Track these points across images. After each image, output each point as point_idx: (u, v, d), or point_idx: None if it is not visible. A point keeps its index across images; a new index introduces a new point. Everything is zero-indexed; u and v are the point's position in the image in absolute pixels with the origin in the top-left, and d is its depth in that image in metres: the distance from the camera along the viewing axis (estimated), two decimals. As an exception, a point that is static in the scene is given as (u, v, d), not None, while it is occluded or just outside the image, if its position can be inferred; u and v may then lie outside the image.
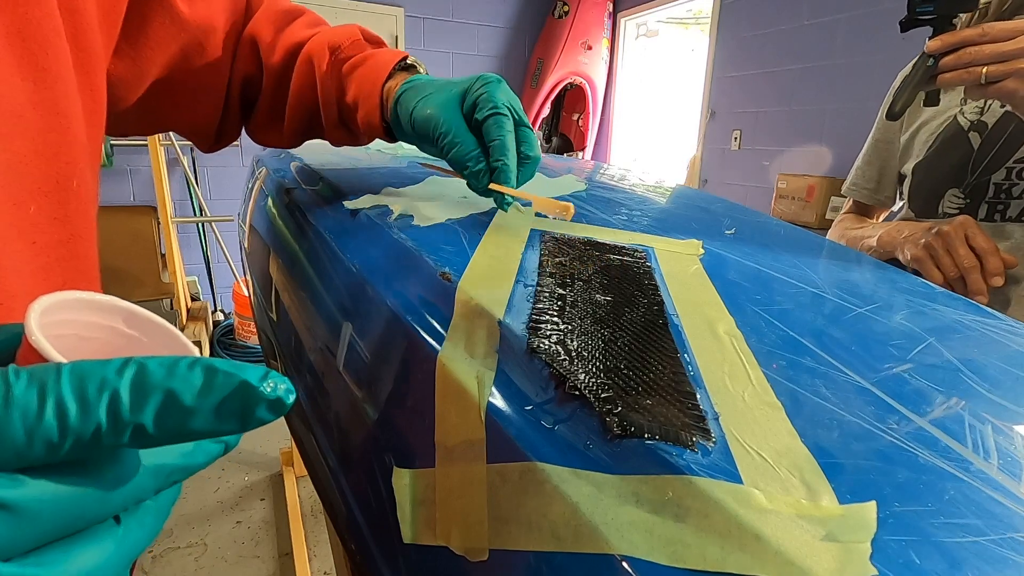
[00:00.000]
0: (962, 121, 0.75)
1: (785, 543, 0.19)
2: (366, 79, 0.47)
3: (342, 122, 0.51)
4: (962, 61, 0.55)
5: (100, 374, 0.13)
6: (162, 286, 2.40)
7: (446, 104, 0.43)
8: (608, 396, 0.25)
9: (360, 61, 0.48)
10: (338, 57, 0.48)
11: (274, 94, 0.52)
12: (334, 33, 0.50)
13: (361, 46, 0.50)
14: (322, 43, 0.49)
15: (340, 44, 0.49)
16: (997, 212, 0.71)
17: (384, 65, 0.47)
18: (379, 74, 0.47)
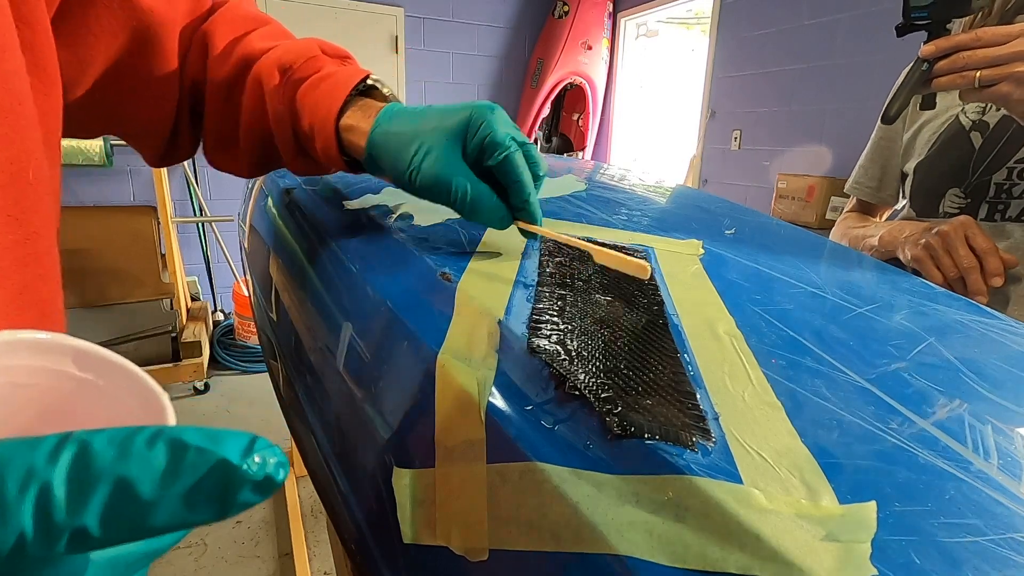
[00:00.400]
0: (964, 121, 0.75)
1: (785, 543, 0.19)
2: (319, 105, 0.40)
3: (301, 152, 0.44)
4: (956, 65, 0.55)
5: (25, 462, 0.10)
6: (162, 286, 2.40)
7: (450, 160, 0.37)
8: (608, 396, 0.25)
9: (315, 83, 0.41)
10: (290, 79, 0.42)
11: (222, 112, 0.45)
12: (287, 50, 0.43)
13: (316, 64, 0.42)
14: (272, 62, 0.42)
15: (292, 63, 0.42)
16: (997, 212, 0.71)
17: (340, 88, 0.40)
18: (333, 101, 0.40)
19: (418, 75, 3.55)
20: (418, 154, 0.37)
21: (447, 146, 0.37)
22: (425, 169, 0.37)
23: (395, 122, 0.38)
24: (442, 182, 0.37)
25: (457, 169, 0.37)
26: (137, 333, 2.37)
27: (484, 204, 0.37)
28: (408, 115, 0.39)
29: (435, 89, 3.64)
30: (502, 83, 3.82)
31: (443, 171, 0.37)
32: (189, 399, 2.46)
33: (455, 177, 0.37)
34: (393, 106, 0.40)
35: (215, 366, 2.74)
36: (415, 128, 0.38)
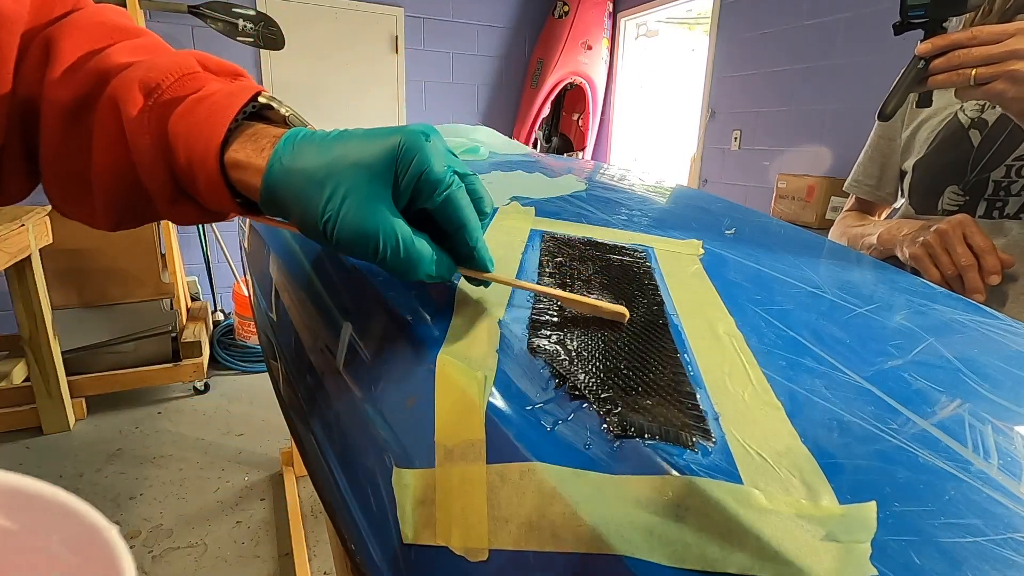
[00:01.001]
0: (962, 118, 0.75)
1: (785, 543, 0.19)
2: (197, 135, 0.31)
3: (182, 196, 0.35)
4: (952, 64, 0.56)
5: None
6: (162, 286, 2.40)
7: (376, 204, 0.28)
8: (608, 396, 0.25)
9: (191, 107, 0.32)
10: (158, 101, 0.32)
11: (67, 143, 0.34)
12: (152, 66, 0.33)
13: (193, 82, 0.34)
14: (133, 79, 0.32)
15: (159, 81, 0.33)
16: (996, 209, 0.72)
17: (221, 111, 0.32)
18: (214, 129, 0.31)
19: (418, 75, 3.55)
20: (334, 198, 0.28)
21: (371, 186, 0.28)
22: (345, 218, 0.28)
23: (300, 155, 0.29)
24: (367, 234, 0.28)
25: (385, 216, 0.28)
26: (137, 333, 2.37)
27: (422, 258, 0.29)
28: (317, 144, 0.30)
29: (435, 89, 3.64)
30: (502, 83, 3.82)
31: (368, 220, 0.28)
32: (189, 399, 2.46)
33: (383, 226, 0.28)
34: (295, 132, 0.31)
35: (215, 366, 2.74)
36: (328, 163, 0.29)
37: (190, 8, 2.58)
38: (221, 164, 0.31)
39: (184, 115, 0.32)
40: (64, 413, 2.15)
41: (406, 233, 0.29)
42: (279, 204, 0.30)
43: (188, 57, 0.35)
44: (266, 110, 0.34)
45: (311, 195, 0.29)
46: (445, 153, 0.30)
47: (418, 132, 0.29)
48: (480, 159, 0.79)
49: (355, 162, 0.29)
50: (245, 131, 0.32)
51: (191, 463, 1.98)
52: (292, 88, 3.27)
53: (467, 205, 0.30)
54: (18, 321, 2.01)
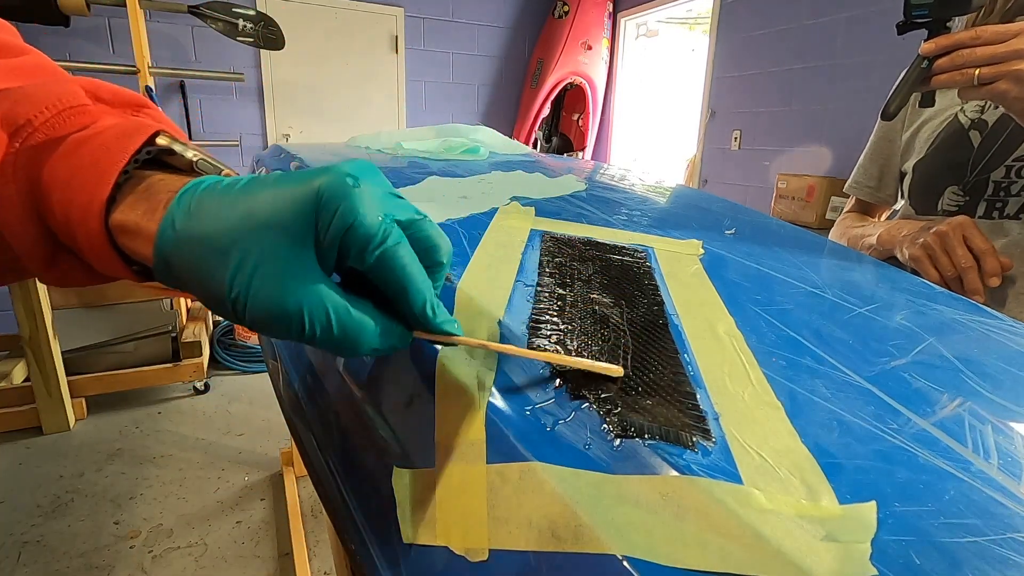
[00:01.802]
0: (963, 119, 0.75)
1: (785, 543, 0.19)
2: (76, 187, 0.25)
3: (59, 254, 0.28)
4: (955, 63, 0.56)
5: None
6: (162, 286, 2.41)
7: (295, 272, 0.23)
8: (608, 396, 0.25)
9: (71, 150, 0.26)
10: (26, 143, 0.26)
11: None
12: (24, 97, 0.27)
13: (77, 118, 0.27)
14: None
15: (30, 118, 0.26)
16: (995, 209, 0.72)
17: (108, 158, 0.25)
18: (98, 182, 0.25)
19: (418, 75, 3.56)
20: (242, 271, 0.23)
21: (288, 251, 0.23)
22: (258, 295, 0.23)
23: (198, 216, 0.24)
24: (288, 312, 0.23)
25: (308, 286, 0.23)
26: (137, 333, 2.37)
27: (363, 331, 0.24)
28: (220, 201, 0.24)
29: (435, 89, 3.64)
30: (502, 83, 3.82)
31: (287, 294, 0.23)
32: (189, 399, 2.46)
33: (304, 302, 0.23)
34: (195, 184, 0.25)
35: (215, 366, 2.74)
36: (232, 225, 0.23)
37: (190, 8, 2.58)
38: (107, 227, 0.25)
39: (63, 159, 0.26)
40: (64, 413, 2.15)
41: (338, 304, 0.24)
42: (175, 278, 0.25)
43: (73, 86, 0.28)
44: (167, 155, 0.28)
45: (213, 268, 0.23)
46: (382, 198, 0.24)
47: (343, 175, 0.23)
48: (480, 159, 0.79)
49: (265, 222, 0.23)
50: (138, 184, 0.26)
51: (191, 463, 1.98)
52: (292, 88, 3.27)
53: (409, 261, 0.24)
54: (18, 321, 2.01)
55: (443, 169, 0.68)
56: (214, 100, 3.09)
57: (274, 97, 3.23)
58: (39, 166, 0.26)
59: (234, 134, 3.16)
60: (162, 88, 2.91)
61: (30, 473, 1.90)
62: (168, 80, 2.92)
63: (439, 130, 0.97)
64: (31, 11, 2.34)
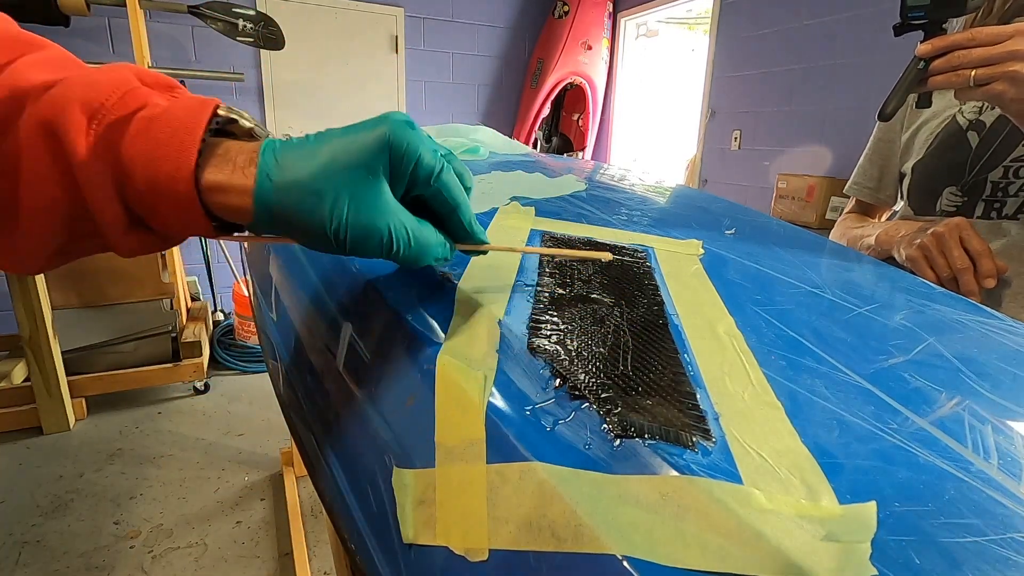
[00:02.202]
0: (961, 120, 0.76)
1: (785, 543, 0.19)
2: (159, 159, 0.29)
3: (135, 225, 0.31)
4: (951, 64, 0.56)
5: None
6: (162, 286, 2.40)
7: (378, 201, 0.29)
8: (608, 396, 0.25)
9: (143, 127, 0.29)
10: (104, 122, 0.29)
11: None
12: (91, 82, 0.29)
13: (138, 98, 0.30)
14: (68, 102, 0.28)
15: (103, 101, 0.29)
16: (993, 210, 0.72)
17: (184, 131, 0.29)
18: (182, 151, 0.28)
19: (418, 75, 3.56)
20: (338, 204, 0.28)
21: (371, 185, 0.29)
22: (354, 222, 0.28)
23: (287, 168, 0.28)
24: (379, 233, 0.29)
25: (392, 211, 0.29)
26: (137, 333, 2.37)
27: (430, 244, 0.31)
28: (302, 153, 0.29)
29: (435, 89, 3.64)
30: (502, 83, 3.82)
31: (377, 219, 0.29)
32: (189, 399, 2.46)
33: (390, 222, 0.29)
34: (272, 144, 0.30)
35: (215, 366, 2.74)
36: (320, 170, 0.28)
37: (190, 8, 2.58)
38: (198, 189, 0.29)
39: (139, 136, 0.29)
40: (64, 413, 2.15)
41: (413, 224, 0.30)
42: (277, 221, 0.29)
43: (125, 71, 0.31)
44: (229, 124, 0.32)
45: (312, 206, 0.28)
46: (425, 137, 0.31)
47: (402, 122, 0.29)
48: (480, 159, 0.79)
49: (348, 163, 0.28)
50: (215, 150, 0.30)
51: (191, 463, 1.98)
52: (292, 88, 3.27)
53: (457, 186, 0.31)
54: (18, 321, 2.01)
55: (443, 169, 0.68)
56: (214, 100, 3.09)
57: (274, 97, 3.23)
58: (117, 144, 0.29)
59: (234, 134, 3.16)
60: (162, 88, 2.91)
61: (30, 473, 1.90)
62: (168, 80, 2.92)
63: (439, 130, 0.97)
64: (31, 11, 2.34)
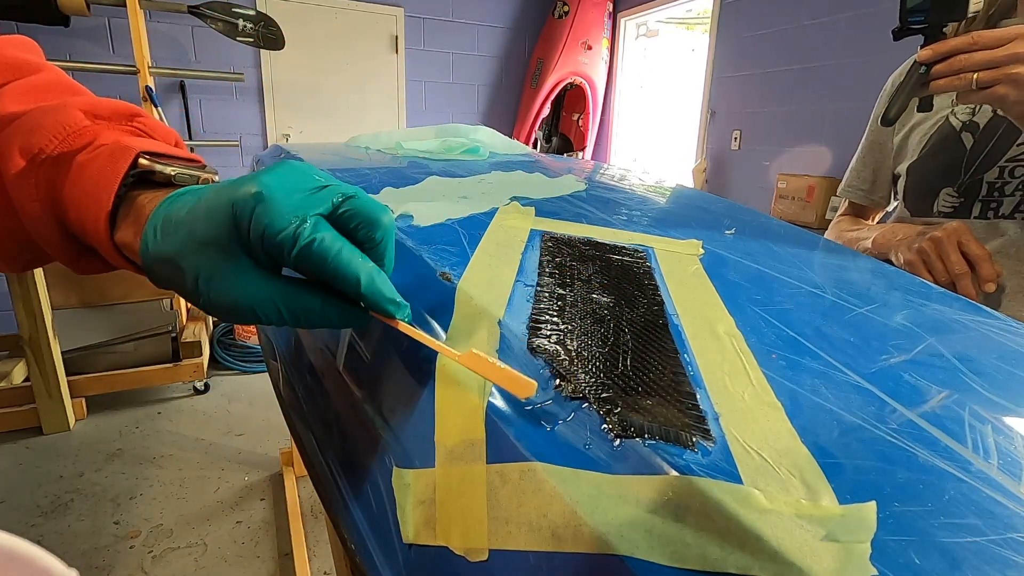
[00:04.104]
0: (954, 122, 0.76)
1: (785, 543, 0.19)
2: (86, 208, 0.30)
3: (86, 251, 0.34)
4: (953, 68, 0.56)
5: None
6: (162, 286, 2.41)
7: (237, 279, 0.27)
8: (608, 396, 0.25)
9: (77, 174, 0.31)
10: (44, 164, 0.31)
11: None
12: (36, 127, 0.31)
13: (81, 138, 0.32)
14: (11, 145, 0.31)
15: (42, 147, 0.31)
16: (990, 210, 0.73)
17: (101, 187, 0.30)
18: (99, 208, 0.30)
19: (418, 75, 3.56)
20: (199, 282, 0.27)
21: (225, 262, 0.27)
22: (217, 299, 0.27)
23: (161, 240, 0.28)
24: (242, 309, 0.27)
25: (252, 287, 0.27)
26: (137, 333, 2.37)
27: (315, 316, 0.28)
28: (174, 222, 0.28)
29: (435, 89, 3.64)
30: (502, 83, 3.82)
31: (235, 298, 0.27)
32: (189, 399, 2.46)
33: (253, 301, 0.27)
34: (161, 209, 0.29)
35: (215, 366, 2.74)
36: (180, 246, 0.27)
37: (190, 8, 2.58)
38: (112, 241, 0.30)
39: (73, 183, 0.31)
40: (64, 413, 2.15)
41: (284, 295, 0.27)
42: (166, 286, 0.29)
43: (71, 111, 0.32)
44: (151, 173, 0.32)
45: (179, 280, 0.27)
46: (296, 201, 0.26)
47: (251, 188, 0.26)
48: (480, 159, 0.79)
49: (201, 239, 0.27)
50: (131, 205, 0.30)
51: (191, 463, 1.98)
52: (292, 88, 3.27)
53: (332, 252, 0.26)
54: (18, 321, 2.01)
55: (443, 169, 0.68)
56: (214, 100, 3.09)
57: (274, 97, 3.23)
58: (56, 185, 0.31)
59: (234, 134, 3.16)
60: (162, 88, 2.91)
61: (30, 473, 1.90)
62: (168, 80, 2.92)
63: (439, 130, 0.97)
64: (31, 11, 2.33)
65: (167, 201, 0.29)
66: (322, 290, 0.28)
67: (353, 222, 0.27)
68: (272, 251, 0.26)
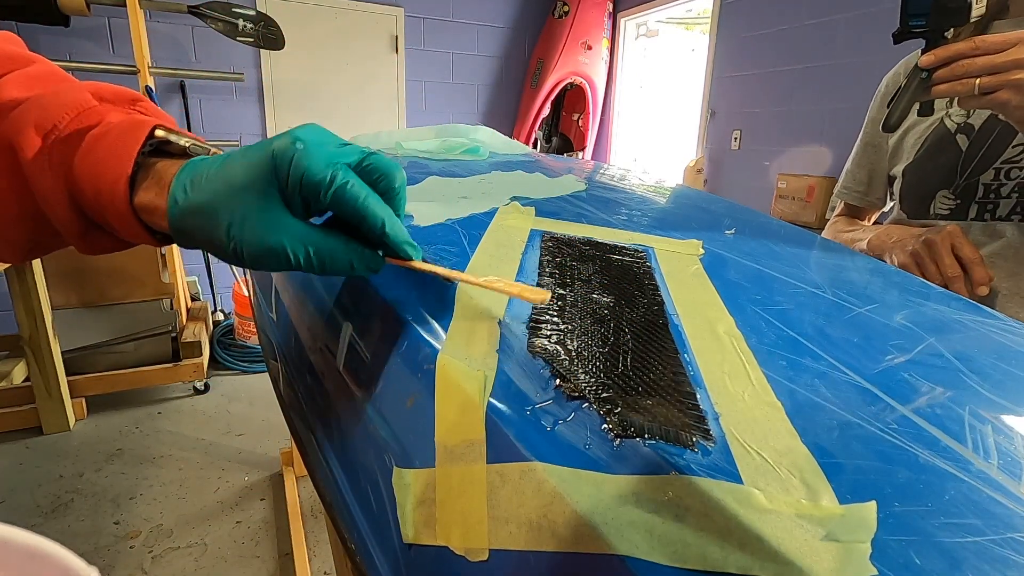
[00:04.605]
0: (949, 124, 0.76)
1: (785, 543, 0.19)
2: (102, 176, 0.32)
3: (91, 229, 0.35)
4: (956, 73, 0.56)
5: None
6: (162, 286, 2.40)
7: (271, 221, 0.29)
8: (608, 396, 0.25)
9: (92, 145, 0.32)
10: (56, 140, 0.32)
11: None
12: (47, 104, 0.33)
13: (91, 116, 0.33)
14: (25, 122, 0.32)
15: (56, 121, 0.33)
16: (987, 212, 0.73)
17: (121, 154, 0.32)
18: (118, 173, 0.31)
19: (418, 75, 3.55)
20: (233, 226, 0.29)
21: (261, 205, 0.29)
22: (248, 243, 0.29)
23: (192, 193, 0.30)
24: (274, 249, 0.29)
25: (285, 229, 0.29)
26: (137, 333, 2.37)
27: (338, 258, 0.30)
28: (205, 176, 0.30)
29: (435, 89, 3.64)
30: (502, 83, 3.82)
31: (267, 239, 0.29)
32: (189, 399, 2.46)
33: (284, 241, 0.29)
34: (187, 168, 0.31)
35: (215, 366, 2.74)
36: (216, 194, 0.29)
37: (190, 8, 2.58)
38: (133, 209, 0.32)
39: (87, 155, 0.32)
40: (64, 413, 2.15)
41: (311, 236, 0.30)
42: (188, 240, 0.31)
43: (82, 91, 0.34)
44: (166, 144, 0.34)
45: (212, 227, 0.30)
46: (328, 151, 0.29)
47: (290, 137, 0.29)
48: (480, 159, 0.79)
49: (239, 186, 0.29)
50: (149, 170, 0.32)
51: (191, 463, 1.98)
52: (292, 88, 3.27)
53: (361, 195, 0.29)
54: (18, 321, 2.01)
55: (443, 169, 0.68)
56: (214, 100, 3.09)
57: (274, 97, 3.23)
58: (69, 159, 0.32)
59: (234, 134, 3.16)
60: (162, 88, 2.91)
61: (30, 473, 1.90)
62: (168, 80, 2.92)
63: (439, 130, 0.97)
64: (31, 11, 2.33)
65: (190, 164, 0.31)
66: (344, 235, 0.31)
67: (375, 174, 0.31)
68: (309, 192, 0.29)
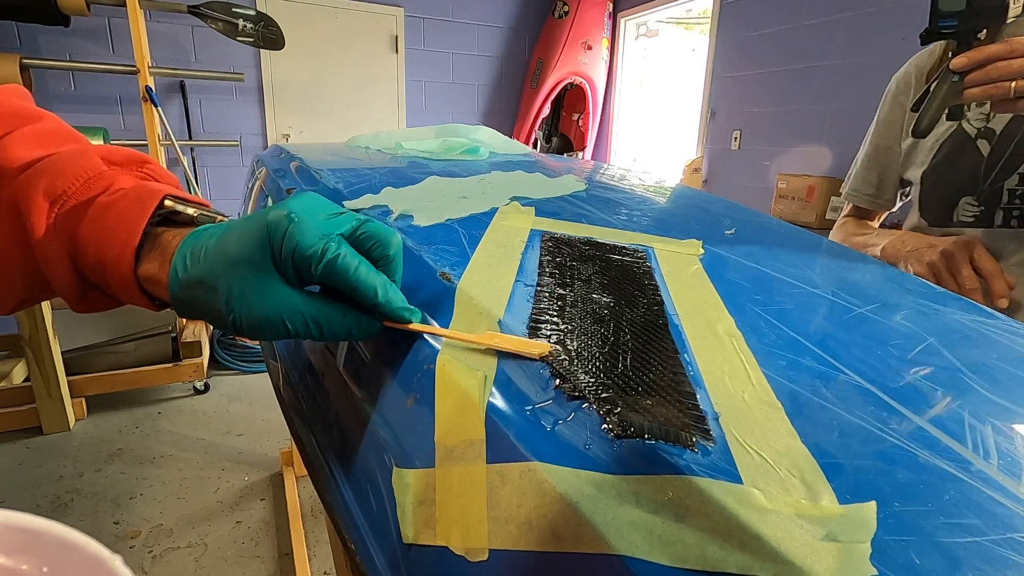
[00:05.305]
0: (968, 128, 0.74)
1: (785, 543, 0.19)
2: (108, 245, 0.32)
3: (91, 290, 0.36)
4: (990, 77, 0.54)
5: None
6: (162, 286, 2.41)
7: (266, 293, 0.30)
8: (608, 396, 0.25)
9: (100, 214, 0.33)
10: (64, 208, 0.33)
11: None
12: (58, 170, 0.34)
13: (100, 183, 0.34)
14: (35, 188, 0.33)
15: (64, 189, 0.33)
16: (1014, 218, 0.71)
17: (129, 225, 0.32)
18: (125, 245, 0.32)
19: (418, 75, 3.56)
20: (231, 299, 0.30)
21: (257, 277, 0.30)
22: (246, 315, 0.30)
23: (192, 265, 0.31)
24: (271, 322, 0.30)
25: (282, 300, 0.30)
26: (137, 333, 2.37)
27: (335, 326, 0.31)
28: (204, 249, 0.31)
29: (435, 89, 3.64)
30: (502, 83, 3.82)
31: (265, 310, 0.30)
32: (189, 399, 2.46)
33: (282, 312, 0.30)
34: (188, 240, 0.32)
35: (215, 366, 2.74)
36: (214, 268, 0.30)
37: (190, 8, 2.58)
38: (137, 280, 0.33)
39: (95, 222, 0.33)
40: (64, 413, 2.15)
41: (309, 306, 0.30)
42: (189, 310, 0.32)
43: (92, 156, 0.35)
44: (174, 214, 0.35)
45: (211, 300, 0.30)
46: (320, 222, 0.30)
47: (283, 213, 0.30)
48: (480, 159, 0.79)
49: (236, 259, 0.30)
50: (155, 240, 0.33)
51: (191, 463, 1.98)
52: (292, 88, 3.27)
53: (352, 267, 0.30)
54: (18, 321, 2.01)
55: (443, 169, 0.68)
56: (214, 100, 3.09)
57: (274, 97, 3.23)
58: (75, 226, 0.33)
59: (234, 134, 3.16)
60: (162, 88, 2.91)
61: (30, 473, 1.90)
62: (168, 80, 2.92)
63: (439, 130, 0.97)
64: (31, 11, 2.33)
65: (192, 236, 0.32)
66: (342, 302, 0.31)
67: (369, 242, 0.32)
68: (301, 265, 0.29)
